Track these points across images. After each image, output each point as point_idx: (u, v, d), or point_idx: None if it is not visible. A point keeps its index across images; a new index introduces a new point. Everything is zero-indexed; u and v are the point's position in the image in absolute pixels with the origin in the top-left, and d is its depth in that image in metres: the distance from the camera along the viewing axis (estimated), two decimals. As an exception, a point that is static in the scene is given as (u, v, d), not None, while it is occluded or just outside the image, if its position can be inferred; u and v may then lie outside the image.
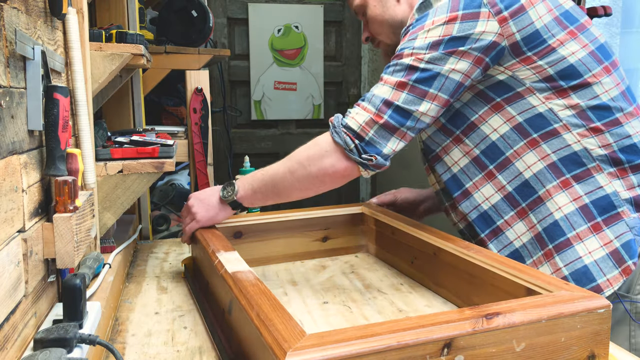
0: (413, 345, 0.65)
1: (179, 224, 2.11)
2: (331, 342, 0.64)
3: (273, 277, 1.23)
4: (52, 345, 0.69)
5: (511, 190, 1.06)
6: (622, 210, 1.01)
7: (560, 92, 1.01)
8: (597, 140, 1.01)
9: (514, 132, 1.04)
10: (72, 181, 0.79)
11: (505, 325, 0.70)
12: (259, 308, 0.75)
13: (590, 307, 0.74)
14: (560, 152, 1.02)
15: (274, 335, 0.67)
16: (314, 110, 3.81)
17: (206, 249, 1.06)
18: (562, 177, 1.01)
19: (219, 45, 3.47)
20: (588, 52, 1.01)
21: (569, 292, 0.77)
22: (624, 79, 1.06)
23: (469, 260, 0.96)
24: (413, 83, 0.99)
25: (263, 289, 0.82)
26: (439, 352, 0.66)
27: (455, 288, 1.03)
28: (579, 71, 1.00)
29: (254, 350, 0.74)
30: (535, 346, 0.71)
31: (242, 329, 0.81)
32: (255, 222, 1.30)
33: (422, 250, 1.12)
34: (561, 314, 0.72)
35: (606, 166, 1.02)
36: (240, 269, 0.92)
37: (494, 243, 1.10)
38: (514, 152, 1.04)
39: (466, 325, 0.68)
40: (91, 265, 0.98)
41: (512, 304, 0.74)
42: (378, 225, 1.33)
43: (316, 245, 1.36)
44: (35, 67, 0.74)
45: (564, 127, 1.01)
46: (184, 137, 1.77)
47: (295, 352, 0.62)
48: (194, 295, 1.13)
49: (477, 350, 0.68)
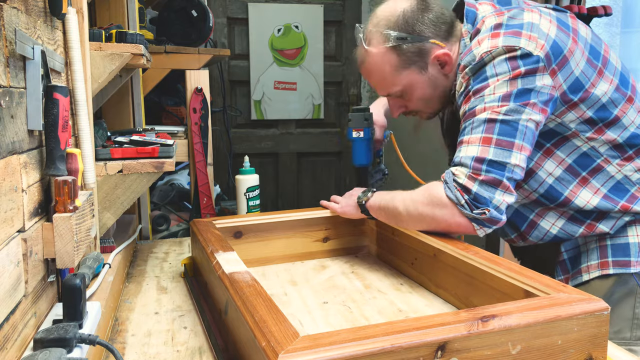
0: (407, 348, 0.65)
1: (178, 224, 2.11)
2: (324, 344, 0.63)
3: (273, 277, 1.23)
4: (52, 345, 0.69)
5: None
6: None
7: (598, 130, 1.08)
8: (633, 165, 1.11)
9: (567, 174, 1.11)
10: (72, 181, 0.79)
11: (501, 327, 0.69)
12: (253, 309, 0.75)
13: (588, 310, 0.73)
14: (607, 184, 1.11)
15: (267, 336, 0.66)
16: (314, 110, 3.81)
17: (205, 249, 1.06)
18: (619, 203, 1.10)
19: (219, 45, 3.47)
20: (614, 87, 1.08)
21: (566, 295, 0.77)
22: (637, 91, 1.13)
23: (468, 262, 0.96)
24: (498, 136, 1.02)
25: (259, 290, 0.82)
26: (432, 354, 0.66)
27: (454, 289, 1.03)
28: (609, 109, 1.08)
29: (249, 351, 0.74)
30: (531, 349, 0.71)
31: (237, 330, 0.81)
32: (256, 222, 1.29)
33: (422, 251, 1.12)
34: (558, 317, 0.72)
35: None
36: (238, 269, 0.91)
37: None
38: (570, 192, 1.12)
39: (461, 327, 0.68)
40: (91, 265, 0.98)
41: (509, 306, 0.74)
42: (379, 226, 1.33)
43: (317, 246, 1.36)
44: (35, 67, 0.74)
45: (605, 160, 1.10)
46: (184, 137, 1.77)
47: (287, 354, 0.62)
48: (193, 296, 1.13)
49: (471, 353, 0.68)
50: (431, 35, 1.13)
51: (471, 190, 1.01)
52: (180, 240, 1.61)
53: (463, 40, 1.14)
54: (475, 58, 1.07)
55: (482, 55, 1.05)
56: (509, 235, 1.23)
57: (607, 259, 1.13)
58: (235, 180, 1.61)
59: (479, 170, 1.01)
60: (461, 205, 1.02)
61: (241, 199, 1.59)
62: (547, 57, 1.02)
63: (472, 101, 1.06)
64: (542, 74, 1.02)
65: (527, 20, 1.06)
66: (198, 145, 1.76)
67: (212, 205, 1.79)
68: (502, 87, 1.02)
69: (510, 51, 1.03)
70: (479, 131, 1.03)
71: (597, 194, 1.10)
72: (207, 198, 1.77)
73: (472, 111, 1.05)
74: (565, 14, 1.15)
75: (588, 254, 1.15)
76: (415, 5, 1.14)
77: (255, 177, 1.61)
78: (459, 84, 1.12)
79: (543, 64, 1.02)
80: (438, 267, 1.07)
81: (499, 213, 1.01)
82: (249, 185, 1.59)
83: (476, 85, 1.06)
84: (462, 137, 1.06)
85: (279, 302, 0.89)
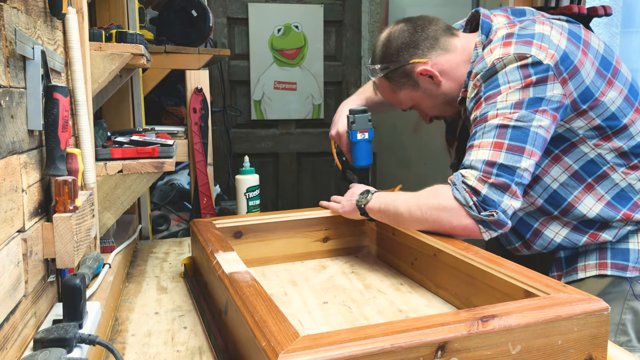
0: (407, 348, 0.65)
1: (178, 223, 2.11)
2: (324, 344, 0.64)
3: (273, 277, 1.23)
4: (52, 345, 0.69)
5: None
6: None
7: (605, 137, 1.11)
8: (638, 174, 1.13)
9: (572, 180, 1.13)
10: (72, 181, 0.79)
11: (501, 327, 0.69)
12: (253, 309, 0.75)
13: (588, 310, 0.73)
14: (611, 191, 1.13)
15: (267, 336, 0.66)
16: (314, 110, 3.81)
17: (205, 249, 1.05)
18: (621, 211, 1.12)
19: (219, 45, 3.47)
20: (623, 97, 1.11)
21: (566, 295, 0.77)
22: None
23: (468, 262, 0.96)
24: (509, 141, 1.03)
25: (259, 289, 0.82)
26: (432, 354, 0.66)
27: (454, 289, 1.03)
28: (618, 117, 1.10)
29: (249, 351, 0.74)
30: (531, 349, 0.71)
31: (237, 330, 0.81)
32: (256, 222, 1.29)
33: (422, 251, 1.12)
34: (558, 317, 0.72)
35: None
36: (238, 269, 0.91)
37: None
38: (574, 198, 1.14)
39: (461, 327, 0.68)
40: (91, 265, 0.98)
41: (509, 306, 0.74)
42: (379, 226, 1.33)
43: (317, 246, 1.36)
44: (35, 67, 0.74)
45: (611, 168, 1.12)
46: (184, 137, 1.77)
47: (287, 354, 0.62)
48: (193, 296, 1.13)
49: (471, 353, 0.68)
50: (409, 57, 1.20)
51: (480, 193, 1.02)
52: (180, 240, 1.61)
53: (475, 50, 1.17)
54: (486, 65, 1.09)
55: (493, 62, 1.08)
56: (513, 244, 1.24)
57: (605, 260, 1.14)
58: (235, 180, 1.61)
59: (489, 173, 1.02)
60: (469, 206, 1.02)
61: (241, 199, 1.59)
62: (556, 66, 1.04)
63: (483, 107, 1.08)
64: (553, 82, 1.04)
65: (538, 31, 1.09)
66: (198, 145, 1.76)
67: (212, 205, 1.79)
68: (515, 95, 1.04)
69: (521, 59, 1.05)
70: (490, 136, 1.04)
71: (601, 200, 1.12)
72: (207, 198, 1.77)
73: (484, 117, 1.07)
74: (579, 26, 1.18)
75: (586, 254, 1.17)
76: (394, 34, 1.22)
77: (255, 177, 1.61)
78: (470, 90, 1.14)
79: (553, 73, 1.04)
80: (438, 267, 1.07)
81: (506, 217, 1.02)
82: (249, 185, 1.59)
83: (488, 92, 1.08)
84: (473, 142, 1.07)
85: (279, 302, 0.89)
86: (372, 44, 3.75)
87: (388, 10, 3.35)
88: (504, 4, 2.14)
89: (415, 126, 3.02)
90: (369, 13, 3.77)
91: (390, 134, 3.41)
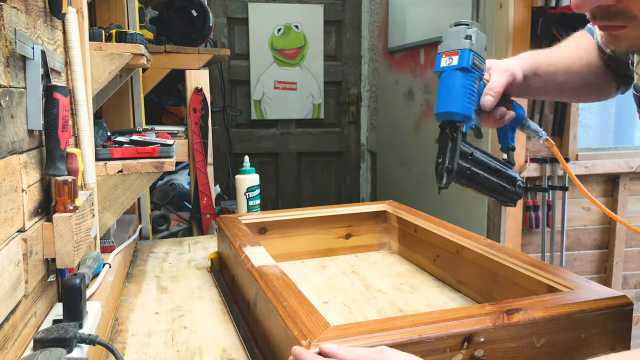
0: (434, 339, 0.66)
1: (178, 223, 2.11)
2: (354, 333, 0.65)
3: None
4: (52, 345, 0.69)
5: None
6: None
7: None
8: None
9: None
10: (72, 181, 0.79)
11: (526, 321, 0.70)
12: (284, 300, 0.76)
13: (612, 305, 0.74)
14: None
15: (299, 326, 0.68)
16: (314, 109, 3.81)
17: (233, 244, 1.07)
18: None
19: (219, 45, 3.47)
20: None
21: (590, 290, 0.78)
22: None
23: (491, 258, 0.97)
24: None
25: (288, 282, 0.83)
26: (459, 345, 0.67)
27: (477, 285, 1.03)
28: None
29: (279, 341, 0.75)
30: (555, 342, 0.72)
31: (267, 321, 0.82)
32: (280, 218, 1.30)
33: (444, 248, 1.12)
34: (582, 311, 0.73)
35: None
36: (266, 263, 0.93)
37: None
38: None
39: (487, 320, 0.69)
40: (91, 265, 0.98)
41: (533, 300, 0.75)
42: (401, 223, 1.33)
43: (339, 242, 1.36)
44: (35, 66, 0.74)
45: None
46: (184, 137, 1.77)
47: (319, 343, 0.64)
48: (220, 289, 1.14)
49: (496, 345, 0.69)
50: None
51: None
52: (180, 240, 1.61)
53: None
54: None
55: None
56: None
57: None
58: (235, 180, 1.61)
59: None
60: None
61: (241, 198, 1.59)
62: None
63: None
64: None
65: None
66: (198, 145, 1.76)
67: (212, 205, 1.79)
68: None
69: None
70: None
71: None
72: (207, 198, 1.77)
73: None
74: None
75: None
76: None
77: (255, 177, 1.61)
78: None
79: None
80: (461, 264, 1.07)
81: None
82: (249, 185, 1.59)
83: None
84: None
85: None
86: (372, 44, 3.75)
87: (388, 10, 3.35)
88: (504, 5, 2.14)
89: (415, 126, 3.02)
90: (369, 13, 3.77)
91: (390, 134, 3.41)
